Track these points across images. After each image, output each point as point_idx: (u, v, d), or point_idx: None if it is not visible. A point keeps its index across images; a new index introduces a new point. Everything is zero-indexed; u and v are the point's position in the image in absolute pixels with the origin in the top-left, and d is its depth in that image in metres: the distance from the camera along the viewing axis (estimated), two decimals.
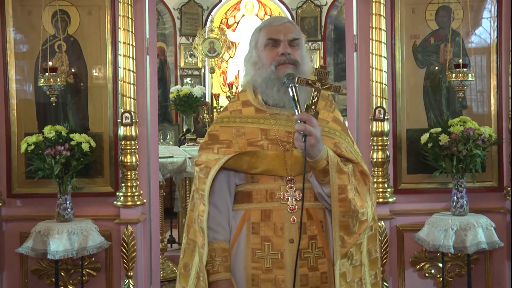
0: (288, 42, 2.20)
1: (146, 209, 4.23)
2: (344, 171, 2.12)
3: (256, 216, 2.18)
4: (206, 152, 2.22)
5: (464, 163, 3.85)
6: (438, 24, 4.18)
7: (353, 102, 4.29)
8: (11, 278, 4.17)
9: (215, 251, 2.16)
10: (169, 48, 9.80)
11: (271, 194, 2.18)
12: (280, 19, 2.30)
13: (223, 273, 2.15)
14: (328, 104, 2.31)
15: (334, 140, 2.20)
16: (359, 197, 2.15)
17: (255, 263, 2.17)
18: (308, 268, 2.15)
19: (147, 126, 4.26)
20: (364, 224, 2.15)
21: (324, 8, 9.90)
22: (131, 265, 4.01)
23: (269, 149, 2.17)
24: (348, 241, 2.12)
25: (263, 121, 2.23)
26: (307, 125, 1.98)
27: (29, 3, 4.11)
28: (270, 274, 2.15)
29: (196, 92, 8.13)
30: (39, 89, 4.05)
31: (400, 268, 4.18)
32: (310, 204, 2.18)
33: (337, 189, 2.10)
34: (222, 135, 2.24)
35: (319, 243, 2.17)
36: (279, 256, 2.15)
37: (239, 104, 2.31)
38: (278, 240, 2.15)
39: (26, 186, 4.11)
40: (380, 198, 4.01)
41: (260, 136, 2.20)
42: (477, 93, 4.20)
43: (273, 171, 2.17)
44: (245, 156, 2.16)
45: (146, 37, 4.25)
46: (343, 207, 2.10)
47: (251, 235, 2.18)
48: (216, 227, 2.19)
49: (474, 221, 3.80)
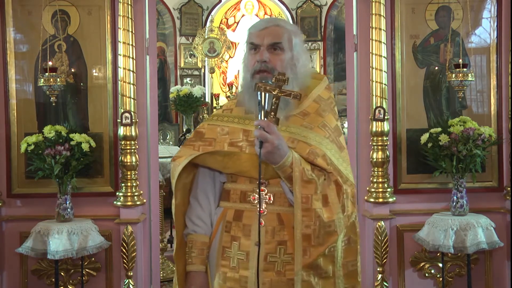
0: (269, 46, 2.17)
1: (146, 209, 4.23)
2: (310, 181, 2.06)
3: (230, 215, 2.21)
4: (186, 148, 2.26)
5: (464, 163, 3.85)
6: (438, 24, 4.18)
7: (353, 102, 4.29)
8: (11, 278, 4.17)
9: (192, 242, 2.24)
10: (169, 48, 9.81)
11: (244, 195, 2.19)
12: (264, 22, 2.26)
13: (198, 265, 2.22)
14: (321, 108, 2.25)
15: (311, 147, 2.12)
16: (327, 208, 2.08)
17: (224, 261, 2.20)
18: (275, 272, 2.13)
19: (147, 126, 4.26)
20: (332, 236, 2.08)
21: (324, 8, 9.92)
22: (131, 265, 4.01)
23: (246, 151, 2.16)
24: (312, 252, 2.05)
25: (248, 122, 2.23)
26: (263, 132, 1.95)
27: (29, 3, 4.11)
28: (236, 273, 2.17)
29: (196, 92, 8.14)
30: (39, 89, 4.05)
31: (400, 268, 4.18)
32: (283, 209, 2.15)
33: (300, 198, 2.05)
34: (207, 133, 2.26)
35: (289, 250, 2.13)
36: (245, 257, 2.16)
37: (234, 103, 2.33)
38: (245, 241, 2.16)
39: (26, 186, 4.10)
40: (380, 198, 4.01)
41: (242, 137, 2.20)
42: (477, 93, 4.20)
43: (246, 173, 2.16)
44: (218, 155, 2.17)
45: (146, 37, 4.25)
46: (306, 216, 2.04)
47: (224, 233, 2.21)
48: (197, 220, 2.25)
49: (474, 221, 3.80)
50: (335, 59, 9.90)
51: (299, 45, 2.24)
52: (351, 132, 4.38)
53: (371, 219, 4.06)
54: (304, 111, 2.22)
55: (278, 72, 2.07)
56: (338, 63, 9.80)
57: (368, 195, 4.07)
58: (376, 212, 4.05)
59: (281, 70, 2.13)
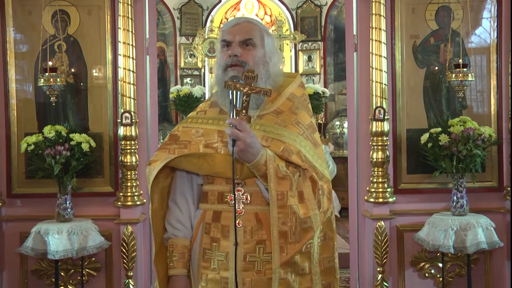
0: (240, 43, 2.17)
1: (146, 209, 4.23)
2: (285, 177, 2.06)
3: (209, 217, 2.21)
4: (161, 152, 2.25)
5: (464, 163, 3.85)
6: (438, 24, 4.18)
7: (353, 102, 4.29)
8: (11, 278, 4.17)
9: (173, 246, 2.23)
10: (169, 48, 9.81)
11: (221, 196, 2.19)
12: (237, 20, 2.27)
13: (179, 269, 2.22)
14: (295, 105, 2.25)
15: (284, 144, 2.13)
16: (303, 204, 2.08)
17: (204, 263, 2.20)
18: (254, 272, 2.13)
19: (147, 126, 4.26)
20: (309, 232, 2.08)
21: (324, 8, 9.91)
22: (131, 265, 4.01)
23: (221, 152, 2.16)
24: (289, 249, 2.06)
25: (222, 122, 2.21)
26: (235, 130, 1.95)
27: (29, 3, 4.11)
28: (217, 274, 2.17)
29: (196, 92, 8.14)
30: (39, 89, 4.05)
31: (400, 268, 4.18)
32: (260, 208, 2.15)
33: (275, 195, 2.05)
34: (182, 136, 2.25)
35: (267, 248, 2.13)
36: (224, 257, 2.16)
37: (208, 105, 2.33)
38: (224, 242, 2.16)
39: (26, 186, 4.11)
40: (380, 198, 4.01)
41: (217, 138, 2.20)
42: (477, 93, 4.20)
43: (222, 174, 2.15)
44: (193, 158, 2.16)
45: (146, 37, 4.25)
46: (282, 213, 2.05)
47: (204, 235, 2.21)
48: (176, 224, 2.25)
49: (474, 221, 3.80)
50: (335, 59, 9.90)
51: (271, 44, 2.26)
52: (351, 132, 4.38)
53: (371, 219, 4.06)
54: (277, 109, 2.22)
55: (247, 69, 2.07)
56: (338, 63, 9.80)
57: (368, 195, 4.07)
58: (376, 212, 4.05)
59: (253, 65, 2.15)
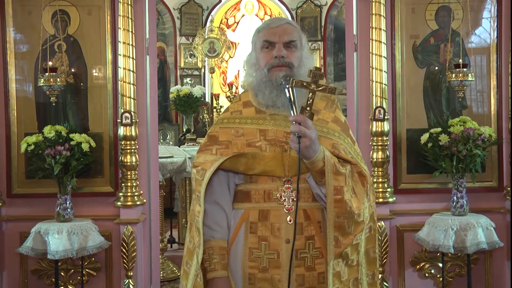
0: (284, 44, 2.20)
1: (146, 209, 4.24)
2: (340, 172, 2.12)
3: (254, 216, 2.20)
4: (204, 154, 2.24)
5: (464, 163, 3.85)
6: (438, 24, 4.18)
7: (353, 102, 4.29)
8: (11, 278, 4.16)
9: (212, 249, 2.20)
10: (169, 48, 9.80)
11: (268, 195, 2.19)
12: (278, 20, 2.30)
13: (220, 271, 2.19)
14: (330, 104, 2.31)
15: (332, 141, 2.20)
16: (355, 198, 2.15)
17: (252, 262, 2.19)
18: (305, 268, 2.17)
19: (147, 126, 4.26)
20: (360, 225, 2.15)
21: (324, 8, 9.90)
22: (131, 265, 4.01)
23: (267, 150, 2.18)
24: (343, 241, 2.12)
25: (262, 121, 2.24)
26: (301, 126, 1.99)
27: (29, 3, 4.11)
28: (267, 273, 2.17)
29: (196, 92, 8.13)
30: (39, 89, 4.05)
31: (400, 268, 4.18)
32: (308, 205, 2.19)
33: (332, 190, 2.10)
34: (221, 136, 2.25)
35: (317, 244, 2.19)
36: (276, 255, 2.17)
37: (240, 105, 2.33)
38: (275, 240, 2.17)
39: (26, 186, 4.10)
40: (380, 198, 4.01)
41: (259, 137, 2.21)
42: (477, 93, 4.20)
43: (271, 172, 2.18)
44: (242, 157, 2.18)
45: (146, 37, 4.25)
46: (338, 207, 2.10)
47: (249, 235, 2.20)
48: (214, 225, 2.22)
49: (474, 221, 3.80)
50: (335, 59, 9.89)
51: (306, 45, 2.30)
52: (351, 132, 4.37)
53: None
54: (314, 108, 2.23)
55: (315, 67, 2.12)
56: (338, 63, 9.79)
57: None
58: (376, 212, 4.04)
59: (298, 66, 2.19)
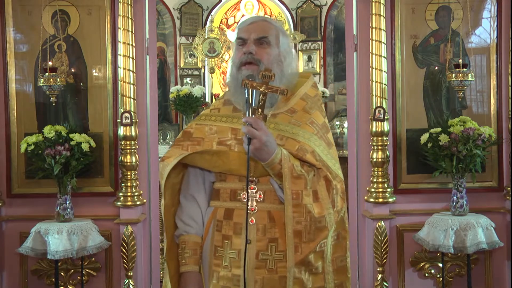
0: (255, 40, 2.19)
1: (146, 209, 4.24)
2: (300, 176, 2.07)
3: (221, 214, 2.21)
4: (175, 148, 2.27)
5: (464, 163, 3.85)
6: (438, 24, 4.18)
7: (353, 102, 4.29)
8: (11, 278, 4.17)
9: (185, 243, 2.23)
10: (169, 48, 9.79)
11: (234, 194, 2.19)
12: (253, 18, 2.28)
13: (191, 265, 2.22)
14: (309, 105, 2.26)
15: (299, 143, 2.14)
16: (318, 203, 2.09)
17: (216, 260, 2.20)
18: (266, 270, 2.14)
19: (147, 126, 4.26)
20: (323, 231, 2.09)
21: (324, 8, 9.89)
22: (131, 265, 4.01)
23: (235, 149, 2.17)
24: (304, 248, 2.07)
25: (236, 120, 2.23)
26: (251, 128, 1.96)
27: (29, 3, 4.11)
28: (228, 272, 2.17)
29: (196, 92, 8.12)
30: (39, 89, 4.05)
31: (400, 268, 4.18)
32: (274, 207, 2.16)
33: (291, 194, 2.06)
34: (195, 133, 2.27)
35: (280, 247, 2.13)
36: (237, 255, 2.16)
37: (221, 103, 2.34)
38: (237, 239, 2.16)
39: (26, 186, 4.10)
40: (380, 198, 4.01)
41: (230, 136, 2.21)
42: (477, 93, 4.20)
43: (236, 171, 2.16)
44: (206, 154, 2.17)
45: (146, 37, 4.25)
46: (297, 212, 2.05)
47: (215, 232, 2.21)
48: (188, 220, 2.25)
49: (474, 221, 3.80)
50: (335, 59, 9.88)
51: (286, 44, 2.27)
52: (351, 132, 4.37)
53: (371, 219, 4.06)
54: (291, 108, 2.23)
55: (264, 68, 2.08)
56: (338, 63, 9.78)
57: (368, 195, 4.07)
58: (376, 212, 4.05)
59: (268, 63, 2.15)
